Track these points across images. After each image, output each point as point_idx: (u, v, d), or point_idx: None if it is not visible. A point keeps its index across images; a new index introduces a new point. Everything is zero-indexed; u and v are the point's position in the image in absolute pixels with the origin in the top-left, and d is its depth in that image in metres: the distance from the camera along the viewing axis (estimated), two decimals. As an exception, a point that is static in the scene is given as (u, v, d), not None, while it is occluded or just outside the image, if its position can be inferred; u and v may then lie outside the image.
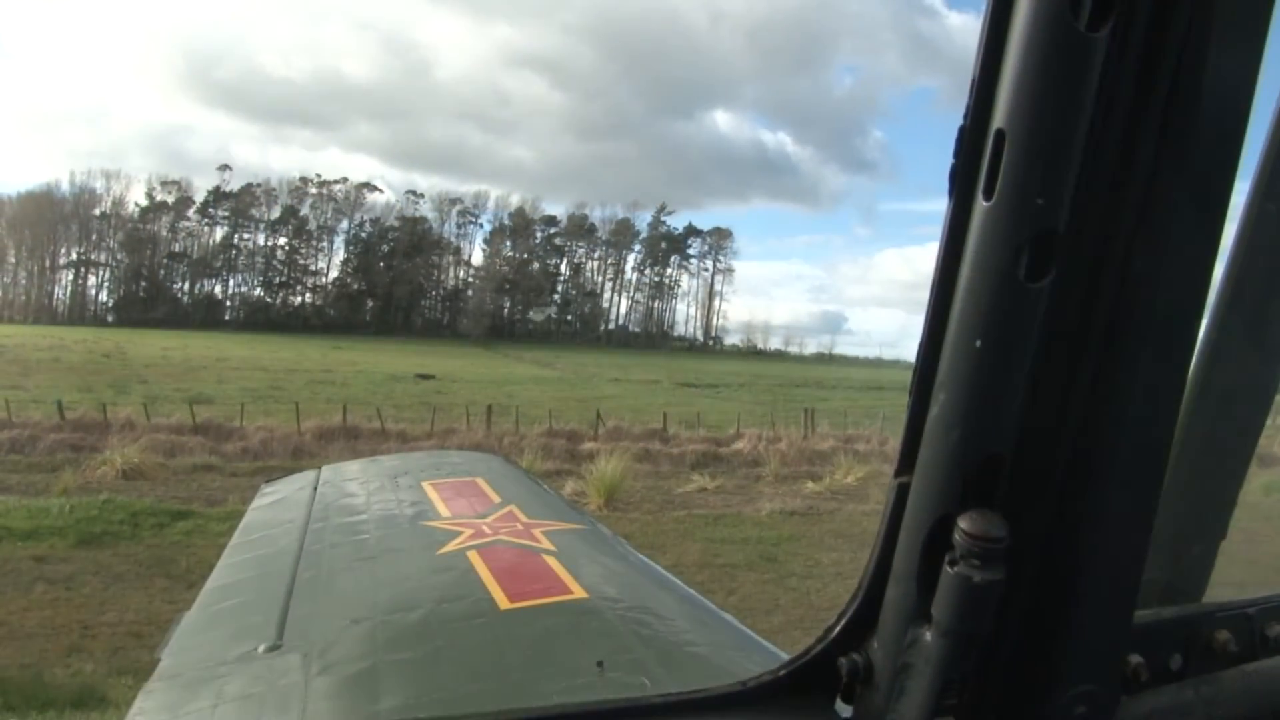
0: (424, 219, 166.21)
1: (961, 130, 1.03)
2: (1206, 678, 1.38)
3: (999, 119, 0.98)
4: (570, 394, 54.21)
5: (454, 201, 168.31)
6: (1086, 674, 1.19)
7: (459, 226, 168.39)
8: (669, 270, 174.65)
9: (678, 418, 36.75)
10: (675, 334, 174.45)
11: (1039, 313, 1.03)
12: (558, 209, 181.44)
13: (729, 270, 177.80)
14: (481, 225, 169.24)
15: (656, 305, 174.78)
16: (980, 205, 1.01)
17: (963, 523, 1.09)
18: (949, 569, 1.10)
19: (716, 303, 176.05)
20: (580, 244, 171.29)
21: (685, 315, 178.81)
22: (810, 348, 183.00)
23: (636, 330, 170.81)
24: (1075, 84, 0.96)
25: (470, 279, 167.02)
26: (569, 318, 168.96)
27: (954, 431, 1.08)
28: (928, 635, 1.15)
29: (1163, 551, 1.49)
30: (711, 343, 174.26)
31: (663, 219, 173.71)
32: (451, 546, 3.95)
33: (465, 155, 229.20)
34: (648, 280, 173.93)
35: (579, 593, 3.41)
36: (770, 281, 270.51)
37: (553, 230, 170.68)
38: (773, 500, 23.00)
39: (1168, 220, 1.03)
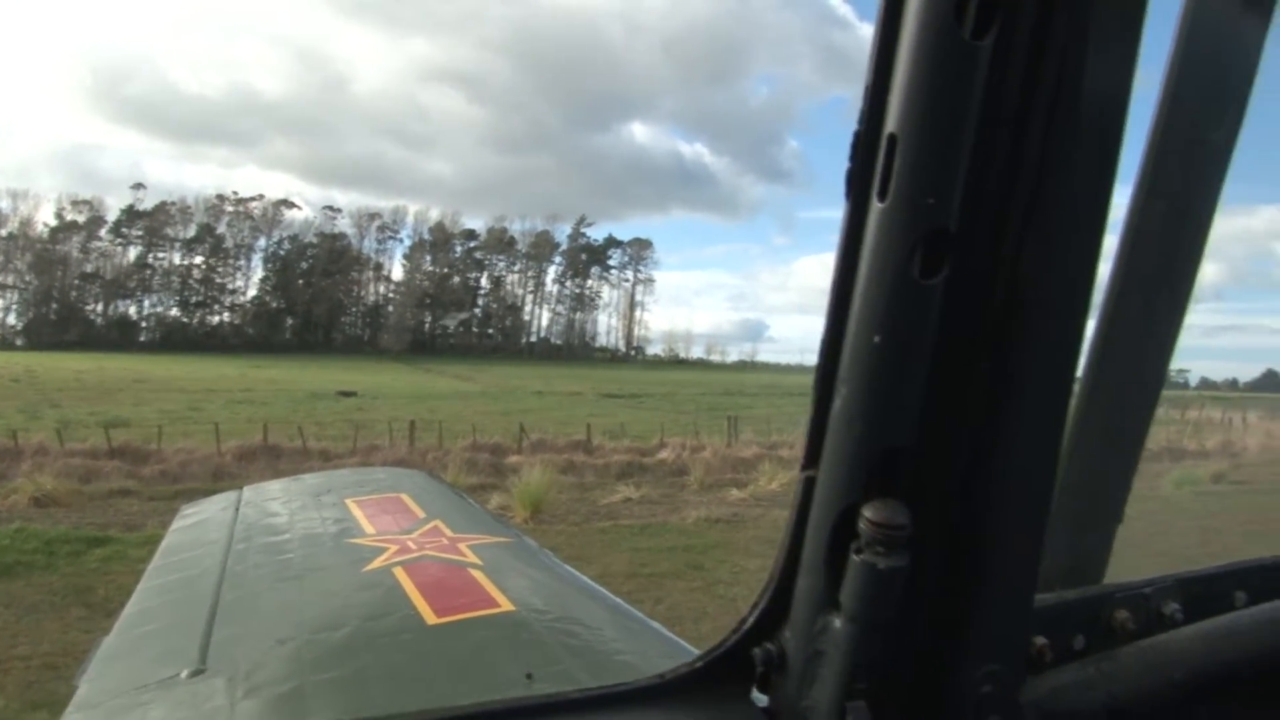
0: (343, 235, 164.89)
1: (856, 135, 1.06)
2: (1107, 654, 1.42)
3: (891, 124, 1.01)
4: (493, 407, 53.64)
5: (373, 217, 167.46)
6: (992, 654, 1.22)
7: (378, 242, 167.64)
8: (589, 282, 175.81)
9: (602, 429, 36.59)
10: (597, 345, 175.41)
11: (933, 309, 1.07)
12: (477, 223, 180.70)
13: (649, 280, 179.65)
14: (401, 240, 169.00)
15: (578, 317, 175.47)
16: (875, 206, 1.04)
17: (867, 512, 1.12)
18: (855, 557, 1.13)
19: (638, 313, 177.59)
20: (500, 257, 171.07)
21: (607, 326, 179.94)
22: (732, 355, 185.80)
23: (558, 342, 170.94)
24: (962, 90, 1.00)
25: (390, 294, 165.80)
26: (490, 331, 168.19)
27: (856, 425, 1.11)
28: (837, 622, 1.18)
29: (1062, 537, 1.55)
30: (634, 353, 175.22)
31: (582, 231, 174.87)
32: (377, 563, 3.91)
33: (383, 170, 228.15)
34: (569, 292, 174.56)
35: (506, 605, 3.39)
36: (691, 291, 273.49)
37: (473, 244, 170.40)
38: (698, 508, 22.86)
39: (1054, 218, 1.07)
